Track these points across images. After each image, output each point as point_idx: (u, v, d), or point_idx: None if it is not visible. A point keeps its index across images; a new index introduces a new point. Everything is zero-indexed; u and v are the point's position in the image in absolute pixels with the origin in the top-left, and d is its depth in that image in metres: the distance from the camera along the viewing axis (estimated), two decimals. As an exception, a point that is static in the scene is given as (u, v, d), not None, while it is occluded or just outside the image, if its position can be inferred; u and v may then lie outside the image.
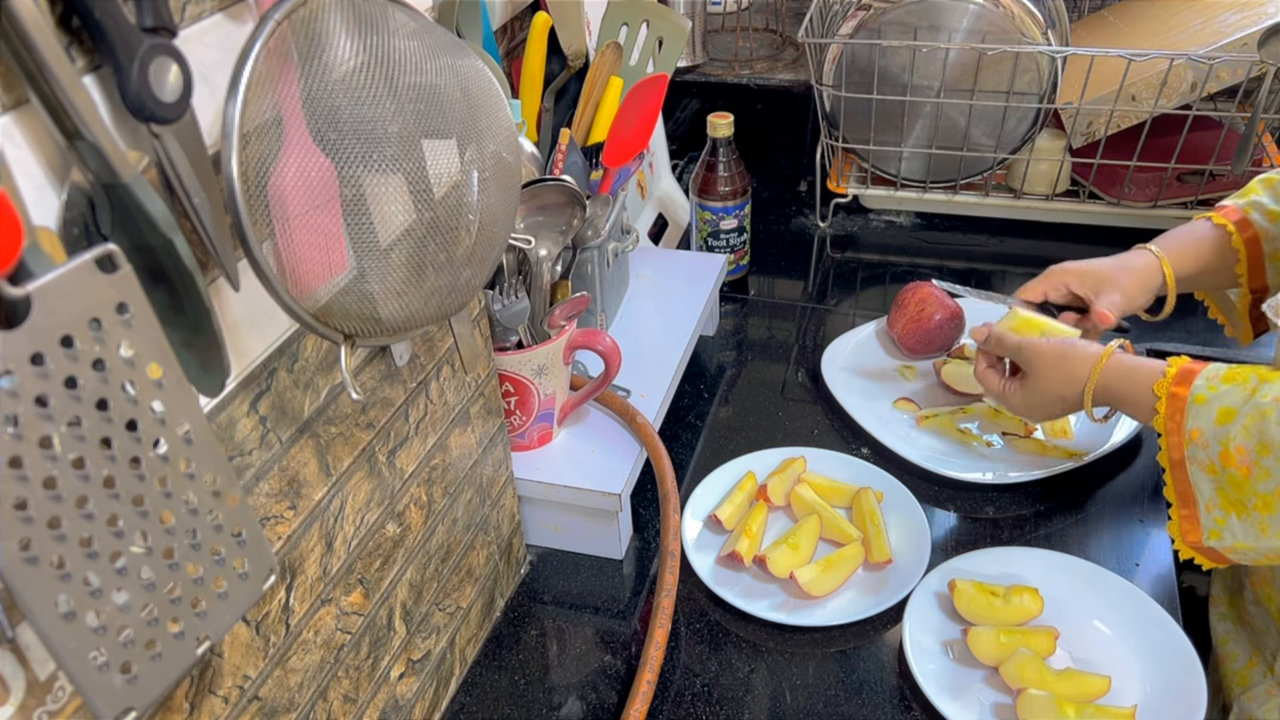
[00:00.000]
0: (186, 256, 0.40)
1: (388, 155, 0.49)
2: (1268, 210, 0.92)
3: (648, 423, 0.90)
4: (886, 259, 1.31)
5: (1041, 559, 0.85)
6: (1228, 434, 0.69)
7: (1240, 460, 0.68)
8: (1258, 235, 0.92)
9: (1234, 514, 0.70)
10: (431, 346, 0.69)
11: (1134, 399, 0.78)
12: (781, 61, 1.49)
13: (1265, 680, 0.85)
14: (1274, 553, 0.70)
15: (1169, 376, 0.75)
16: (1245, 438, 0.68)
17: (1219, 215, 0.94)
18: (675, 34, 0.91)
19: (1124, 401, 0.80)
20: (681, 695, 0.79)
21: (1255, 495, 0.68)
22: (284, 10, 0.44)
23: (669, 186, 1.33)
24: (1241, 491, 0.69)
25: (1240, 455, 0.68)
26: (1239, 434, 0.69)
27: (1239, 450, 0.68)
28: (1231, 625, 0.91)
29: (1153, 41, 1.26)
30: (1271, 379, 0.70)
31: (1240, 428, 0.69)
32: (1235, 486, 0.69)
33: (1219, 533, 0.71)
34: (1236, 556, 0.73)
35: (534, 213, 0.81)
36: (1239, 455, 0.68)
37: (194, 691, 0.50)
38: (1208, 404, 0.71)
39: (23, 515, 0.34)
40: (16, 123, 0.36)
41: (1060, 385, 0.84)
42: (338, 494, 0.60)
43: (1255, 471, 0.68)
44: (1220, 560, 0.74)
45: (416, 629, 0.73)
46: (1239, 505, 0.69)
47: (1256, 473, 0.68)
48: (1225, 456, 0.69)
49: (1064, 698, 0.73)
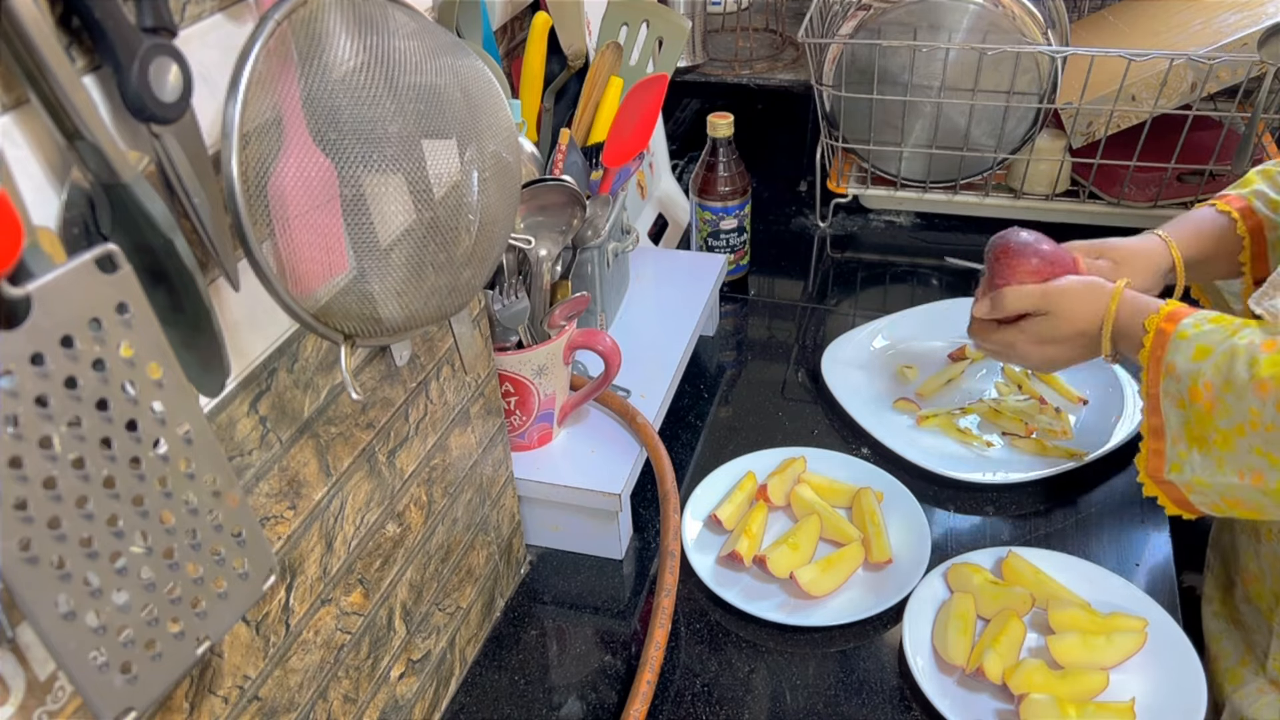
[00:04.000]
0: (186, 256, 0.40)
1: (388, 155, 0.49)
2: (1270, 199, 0.91)
3: (648, 423, 0.90)
4: (886, 259, 1.31)
5: (1042, 559, 0.85)
6: (1199, 370, 0.70)
7: (1206, 395, 0.70)
8: (1261, 224, 0.91)
9: (1196, 449, 0.71)
10: (431, 346, 0.69)
11: (1135, 334, 0.78)
12: (781, 61, 1.50)
13: (1257, 678, 0.85)
14: (1228, 492, 0.71)
15: (1161, 313, 0.76)
16: (1214, 374, 0.69)
17: (1223, 203, 0.93)
18: (675, 34, 0.91)
19: (1128, 337, 0.79)
20: (681, 695, 0.79)
21: (1216, 430, 0.70)
22: (284, 10, 0.44)
23: (669, 186, 1.33)
24: (1204, 426, 0.70)
25: (1207, 391, 0.70)
26: (1209, 370, 0.70)
27: (1206, 386, 0.70)
28: (1224, 624, 0.91)
29: (1153, 41, 1.26)
30: (1253, 324, 0.71)
31: (1212, 365, 0.70)
32: (1199, 421, 0.71)
33: (1180, 466, 0.73)
34: (1197, 498, 0.74)
35: (534, 213, 0.81)
36: (1205, 391, 0.70)
37: (194, 691, 0.50)
38: (1189, 340, 0.72)
39: (23, 515, 0.34)
40: (16, 123, 0.36)
41: (1083, 319, 0.82)
42: (338, 494, 0.60)
43: (1217, 407, 0.69)
44: (1182, 501, 0.75)
45: (416, 629, 0.73)
46: (1201, 440, 0.71)
47: (1218, 409, 0.69)
48: (1193, 391, 0.70)
49: (1065, 698, 0.73)
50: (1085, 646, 0.77)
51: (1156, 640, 0.78)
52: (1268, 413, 0.66)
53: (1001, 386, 1.05)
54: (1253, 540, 0.87)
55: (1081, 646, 0.77)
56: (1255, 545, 0.87)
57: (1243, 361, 0.68)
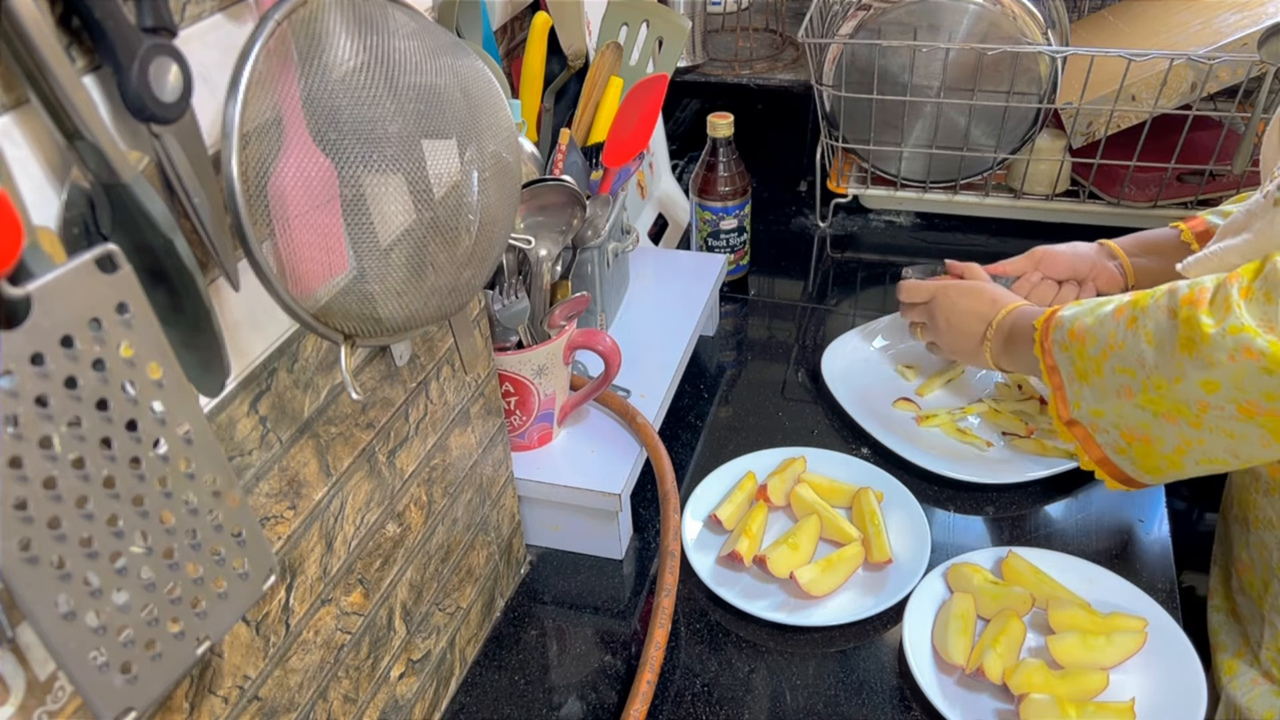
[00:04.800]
0: (186, 256, 0.40)
1: (388, 155, 0.49)
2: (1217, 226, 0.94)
3: (648, 423, 0.90)
4: (886, 259, 1.31)
5: (1041, 559, 0.85)
6: (1077, 315, 0.80)
7: (1079, 330, 0.79)
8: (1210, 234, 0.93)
9: (1084, 383, 0.79)
10: (431, 346, 0.69)
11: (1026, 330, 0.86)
12: (781, 61, 1.50)
13: (1251, 669, 0.86)
14: (1120, 421, 0.77)
15: None
16: (1086, 315, 0.79)
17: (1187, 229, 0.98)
18: (675, 34, 0.91)
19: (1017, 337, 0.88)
20: (681, 695, 0.79)
21: (1090, 360, 0.78)
22: (284, 10, 0.44)
23: (669, 186, 1.33)
24: (1083, 359, 0.79)
25: (1079, 327, 0.79)
26: (1084, 314, 0.80)
27: (1079, 324, 0.79)
28: (1225, 617, 0.91)
29: (1153, 41, 1.26)
30: None
31: (1087, 309, 0.80)
32: (1080, 356, 0.79)
33: (1078, 403, 0.80)
34: (1103, 439, 0.80)
35: (534, 213, 0.81)
36: (1078, 327, 0.79)
37: (194, 691, 0.50)
38: (1079, 304, 0.82)
39: (23, 515, 0.34)
40: (16, 123, 0.36)
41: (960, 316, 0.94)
42: (338, 494, 0.60)
43: (1088, 338, 0.78)
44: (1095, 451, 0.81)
45: (416, 629, 0.73)
46: (1084, 374, 0.79)
47: (1088, 339, 0.78)
48: (1071, 332, 0.80)
49: (1065, 699, 0.73)
50: (1085, 646, 0.77)
51: (1156, 640, 0.78)
52: (1120, 331, 0.75)
53: (1001, 386, 1.05)
54: (1243, 530, 0.88)
55: (1081, 646, 0.77)
56: (1245, 534, 0.87)
57: (1111, 305, 0.78)
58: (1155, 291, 0.75)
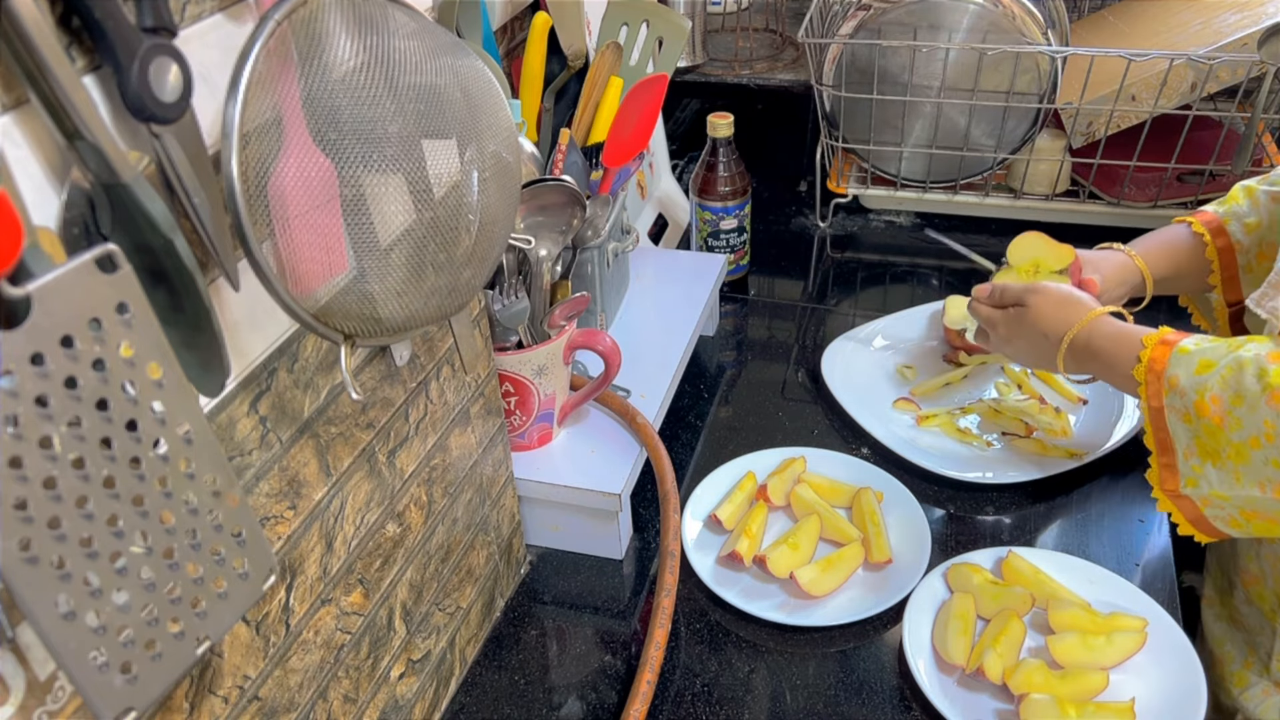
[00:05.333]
0: (186, 256, 0.40)
1: (388, 155, 0.49)
2: (1245, 222, 0.92)
3: (648, 423, 0.90)
4: (886, 259, 1.31)
5: (1042, 559, 0.85)
6: (1205, 383, 0.70)
7: (1214, 410, 0.69)
8: (1231, 246, 0.92)
9: (1210, 462, 0.71)
10: (431, 346, 0.69)
11: (1115, 355, 0.79)
12: (781, 61, 1.49)
13: (1262, 680, 0.85)
14: (1248, 505, 0.70)
15: (1159, 334, 0.76)
16: (1221, 388, 0.69)
17: (1198, 222, 0.94)
18: (675, 34, 0.91)
19: (1104, 357, 0.80)
20: (681, 695, 0.79)
21: (1229, 444, 0.69)
22: (284, 10, 0.44)
23: (669, 186, 1.33)
24: (1216, 441, 0.70)
25: (1214, 405, 0.69)
26: (1215, 384, 0.69)
27: (1214, 400, 0.69)
28: (1226, 626, 0.91)
29: (1153, 41, 1.26)
30: (1256, 339, 0.71)
31: (1217, 378, 0.69)
32: (1210, 435, 0.70)
33: (1195, 480, 0.72)
34: (1213, 513, 0.73)
35: (534, 213, 0.81)
36: (1213, 405, 0.69)
37: (194, 691, 0.50)
38: (1190, 355, 0.72)
39: (23, 515, 0.34)
40: (16, 123, 0.36)
41: (1049, 323, 0.84)
42: (338, 494, 0.60)
43: (1228, 421, 0.68)
44: (1198, 519, 0.74)
45: (416, 629, 0.73)
46: (1214, 454, 0.70)
47: (1229, 422, 0.68)
48: (1200, 406, 0.70)
49: (1065, 699, 0.73)
50: (1085, 646, 0.77)
51: (1156, 640, 0.78)
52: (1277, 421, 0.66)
53: (1002, 386, 1.05)
54: (1253, 542, 0.87)
55: (1081, 646, 0.77)
56: (1256, 547, 0.87)
57: (1251, 373, 0.68)
58: None
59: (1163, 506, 0.76)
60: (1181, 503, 0.75)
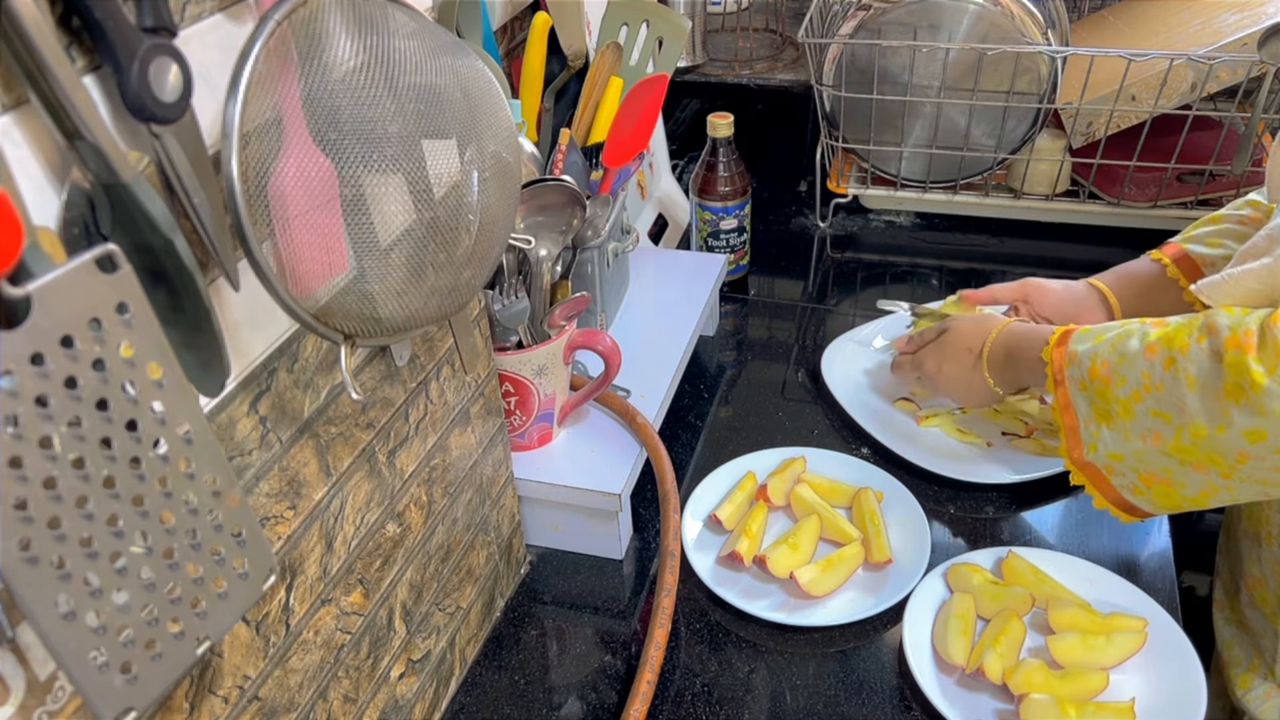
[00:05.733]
0: (186, 256, 0.40)
1: (388, 155, 0.49)
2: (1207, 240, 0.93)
3: (648, 423, 0.90)
4: (886, 259, 1.31)
5: (1042, 559, 0.85)
6: (1096, 350, 0.76)
7: (1103, 371, 0.75)
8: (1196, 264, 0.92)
9: (1104, 425, 0.75)
10: (431, 346, 0.69)
11: (1028, 350, 0.84)
12: (781, 61, 1.49)
13: (1265, 682, 0.85)
14: (1143, 467, 0.74)
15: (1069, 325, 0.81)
16: (1109, 352, 0.75)
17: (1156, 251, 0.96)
18: (675, 34, 0.91)
19: (1019, 355, 0.85)
20: (681, 695, 0.79)
21: (1116, 401, 0.74)
22: (284, 10, 0.44)
23: (669, 186, 1.33)
24: (1106, 400, 0.75)
25: (1103, 367, 0.75)
26: (1105, 349, 0.75)
27: (1103, 364, 0.75)
28: (1234, 629, 0.91)
29: (1153, 41, 1.26)
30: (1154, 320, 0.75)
31: (1107, 344, 0.75)
32: (1100, 396, 0.75)
33: (1095, 445, 0.77)
34: (1119, 481, 0.77)
35: (534, 213, 0.81)
36: (1102, 367, 0.75)
37: (194, 691, 0.50)
38: (1089, 333, 0.78)
39: (23, 515, 0.34)
40: (16, 123, 0.36)
41: (968, 337, 0.91)
42: (338, 494, 0.60)
43: (1113, 379, 0.74)
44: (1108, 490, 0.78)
45: (416, 629, 0.73)
46: (1106, 415, 0.75)
47: (1115, 380, 0.74)
48: (1092, 370, 0.76)
49: (1065, 699, 0.73)
50: (1085, 646, 0.77)
51: (1156, 640, 0.78)
52: (1155, 373, 0.71)
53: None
54: (1254, 545, 0.87)
55: (1081, 646, 0.77)
56: (1257, 550, 0.87)
57: (1135, 338, 0.73)
58: (1188, 327, 0.70)
59: (1075, 479, 0.80)
60: (1089, 471, 0.78)
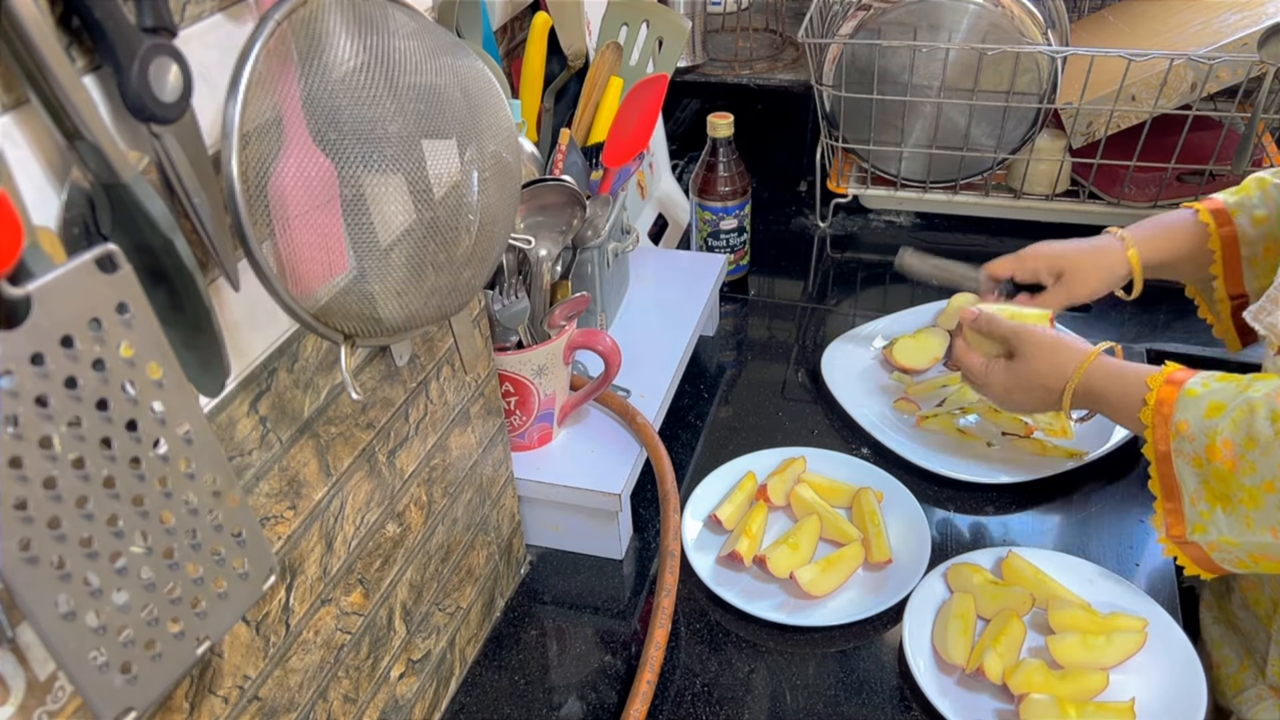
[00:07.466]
0: (186, 256, 0.40)
1: (388, 155, 0.49)
2: (1255, 214, 0.91)
3: (648, 423, 0.90)
4: (886, 259, 1.31)
5: (1042, 559, 0.85)
6: (1215, 427, 0.69)
7: (1226, 454, 0.68)
8: (1235, 236, 0.92)
9: (1219, 507, 0.69)
10: (431, 346, 0.69)
11: (1119, 396, 0.78)
12: (781, 61, 1.49)
13: (1257, 684, 0.85)
14: (1258, 550, 0.69)
15: (1164, 373, 0.75)
16: (1233, 431, 0.68)
17: (1205, 210, 0.94)
18: (675, 34, 0.91)
19: (1107, 399, 0.79)
20: (681, 695, 0.79)
21: (1241, 489, 0.68)
22: (284, 10, 0.44)
23: (669, 186, 1.33)
24: (1227, 485, 0.68)
25: (1226, 449, 0.68)
26: (1226, 427, 0.68)
27: (1225, 444, 0.68)
28: (1223, 629, 0.91)
29: (1153, 41, 1.26)
30: (1265, 377, 0.70)
31: (1228, 421, 0.68)
32: (1220, 480, 0.69)
33: (1203, 527, 0.71)
34: (1220, 556, 0.72)
35: (534, 213, 0.81)
36: (1225, 449, 0.68)
37: (194, 691, 0.50)
38: (1198, 398, 0.71)
39: (23, 515, 0.34)
40: (16, 123, 0.36)
41: (1046, 375, 0.84)
42: (338, 494, 0.60)
43: (1240, 465, 0.67)
44: (1203, 560, 0.74)
45: (416, 629, 0.73)
46: (1224, 499, 0.69)
47: (1242, 467, 0.67)
48: (1211, 450, 0.69)
49: (1065, 699, 0.73)
50: (1085, 646, 0.77)
51: (1156, 640, 0.78)
52: None
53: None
54: None
55: (1081, 646, 0.77)
56: None
57: (1263, 415, 0.66)
58: None
59: (1168, 552, 0.75)
60: (1188, 548, 0.74)
